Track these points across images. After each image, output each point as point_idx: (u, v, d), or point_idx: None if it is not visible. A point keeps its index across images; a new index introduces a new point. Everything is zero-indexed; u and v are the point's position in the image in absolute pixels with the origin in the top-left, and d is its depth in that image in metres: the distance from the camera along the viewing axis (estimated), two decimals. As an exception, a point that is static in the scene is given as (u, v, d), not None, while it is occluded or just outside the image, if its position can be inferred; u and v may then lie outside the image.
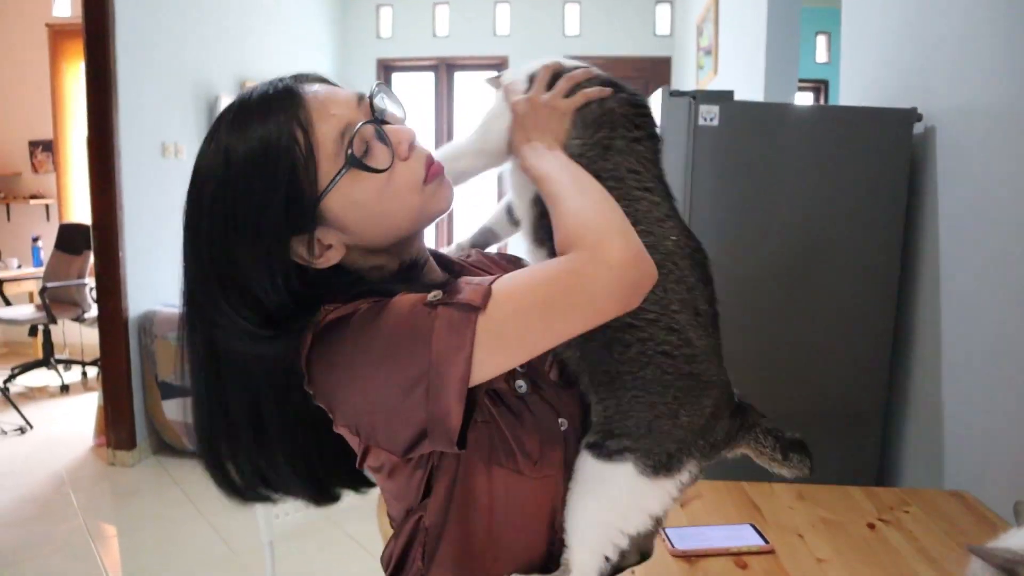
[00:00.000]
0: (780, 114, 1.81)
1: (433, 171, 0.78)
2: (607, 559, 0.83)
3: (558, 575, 0.83)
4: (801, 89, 6.41)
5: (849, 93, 2.25)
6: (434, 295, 0.70)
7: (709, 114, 1.67)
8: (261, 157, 0.71)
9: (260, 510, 1.42)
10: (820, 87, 6.34)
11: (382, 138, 0.75)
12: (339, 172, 0.73)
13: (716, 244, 1.79)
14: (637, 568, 1.18)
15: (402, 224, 0.78)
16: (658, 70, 6.15)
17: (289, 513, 1.49)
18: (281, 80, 0.77)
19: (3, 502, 3.09)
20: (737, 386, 0.88)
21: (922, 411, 1.79)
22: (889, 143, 1.74)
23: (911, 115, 1.74)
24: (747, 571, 1.18)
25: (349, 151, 0.73)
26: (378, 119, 0.76)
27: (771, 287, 1.80)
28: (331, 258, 0.77)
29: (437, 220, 0.83)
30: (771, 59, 3.13)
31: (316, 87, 0.76)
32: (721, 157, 1.73)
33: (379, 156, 0.75)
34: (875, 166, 1.76)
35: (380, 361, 0.69)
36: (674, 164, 1.72)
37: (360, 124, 0.74)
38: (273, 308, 0.74)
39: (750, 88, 3.40)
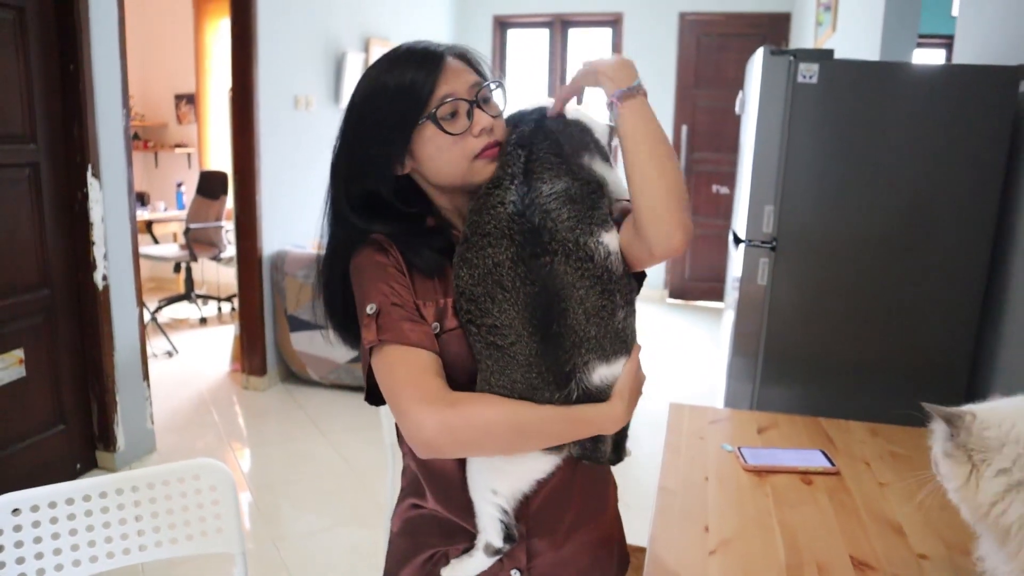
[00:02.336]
0: (879, 73, 1.84)
1: (487, 152, 1.00)
2: (502, 521, 1.01)
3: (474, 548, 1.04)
4: (931, 45, 6.09)
5: (963, 52, 2.23)
6: (372, 309, 0.97)
7: (808, 72, 1.74)
8: (404, 90, 0.99)
9: (384, 412, 1.64)
10: (951, 43, 6.01)
11: (469, 114, 0.99)
12: (423, 118, 0.98)
13: (810, 200, 1.87)
14: (711, 478, 1.34)
15: (450, 176, 1.01)
16: (777, 26, 6.00)
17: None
18: (439, 46, 1.02)
19: (159, 412, 3.54)
20: (830, 336, 0.99)
21: (1010, 368, 1.82)
22: (992, 102, 1.75)
23: (1017, 72, 1.74)
24: (811, 487, 1.31)
25: (434, 110, 0.97)
26: (476, 101, 1.00)
27: (865, 243, 1.86)
28: (400, 170, 1.04)
29: None
30: (889, 15, 3.07)
31: (456, 63, 1.01)
32: (819, 115, 1.80)
33: (459, 124, 0.98)
34: (976, 126, 1.77)
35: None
36: (772, 121, 1.81)
37: (453, 98, 0.98)
38: (371, 191, 1.03)
39: (867, 46, 3.34)
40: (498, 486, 1.00)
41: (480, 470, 1.02)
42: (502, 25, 6.52)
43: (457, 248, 1.00)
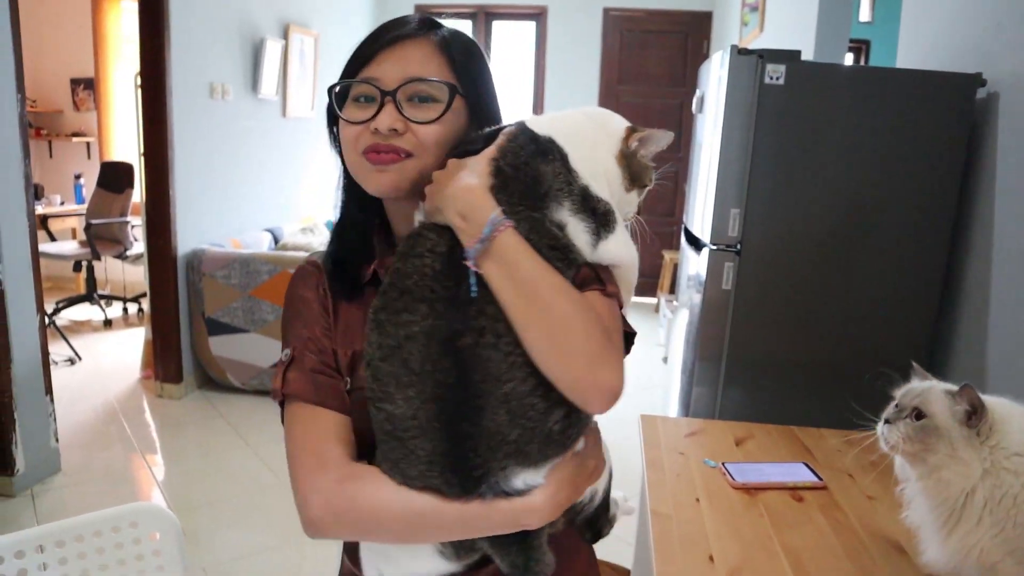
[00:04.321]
0: (843, 75, 1.83)
1: (369, 156, 0.86)
2: None
3: None
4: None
5: (908, 56, 2.26)
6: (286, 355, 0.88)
7: (775, 73, 1.70)
8: (350, 59, 0.90)
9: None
10: (862, 47, 6.25)
11: (381, 106, 0.85)
12: (331, 88, 0.89)
13: (774, 201, 1.84)
14: (702, 498, 1.28)
15: (350, 167, 0.90)
16: (699, 24, 6.08)
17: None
18: (415, 22, 0.92)
19: (61, 427, 3.23)
20: (793, 339, 0.92)
21: (964, 368, 1.85)
22: (951, 108, 1.76)
23: (975, 80, 1.75)
24: (803, 504, 1.26)
25: (335, 85, 0.88)
26: (391, 92, 0.85)
27: (827, 246, 1.85)
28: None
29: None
30: (823, 18, 3.11)
31: (423, 46, 0.89)
32: (784, 116, 1.77)
33: (363, 113, 0.86)
34: (935, 131, 1.78)
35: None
36: (738, 122, 1.76)
37: (365, 81, 0.86)
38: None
39: (800, 47, 3.38)
40: (384, 569, 0.87)
41: (369, 544, 0.89)
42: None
43: (375, 299, 0.82)
